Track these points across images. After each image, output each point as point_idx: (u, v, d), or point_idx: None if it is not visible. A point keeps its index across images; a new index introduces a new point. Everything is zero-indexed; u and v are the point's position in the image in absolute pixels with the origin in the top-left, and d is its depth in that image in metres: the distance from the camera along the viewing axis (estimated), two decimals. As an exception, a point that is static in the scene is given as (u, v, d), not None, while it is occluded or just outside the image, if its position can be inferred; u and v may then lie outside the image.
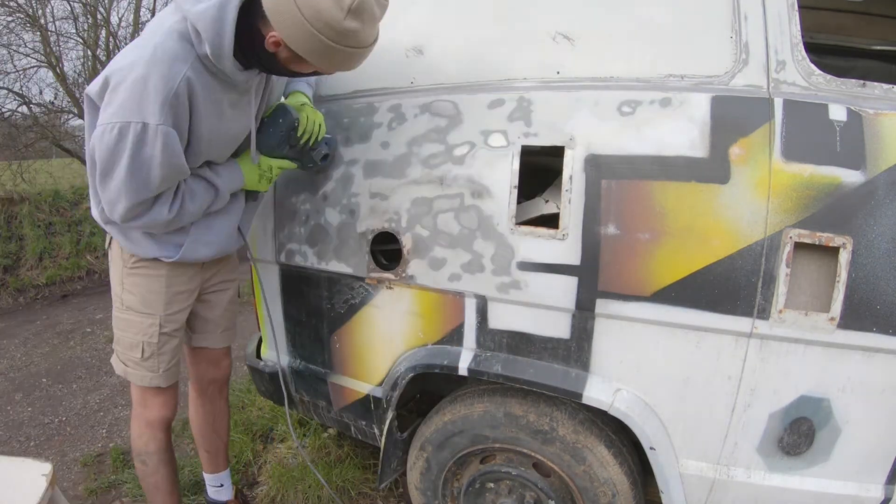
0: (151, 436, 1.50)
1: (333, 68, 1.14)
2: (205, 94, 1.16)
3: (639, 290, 1.12)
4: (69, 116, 7.48)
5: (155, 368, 1.43)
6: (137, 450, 1.53)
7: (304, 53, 1.08)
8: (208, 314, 1.55)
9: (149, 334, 1.40)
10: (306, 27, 1.03)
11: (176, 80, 1.10)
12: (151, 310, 1.38)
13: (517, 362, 1.27)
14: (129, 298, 1.39)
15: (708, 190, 1.06)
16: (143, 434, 1.51)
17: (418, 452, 1.48)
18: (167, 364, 1.44)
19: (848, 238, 1.00)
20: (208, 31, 1.08)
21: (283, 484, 1.94)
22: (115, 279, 1.41)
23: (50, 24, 6.75)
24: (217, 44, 1.10)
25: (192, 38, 1.11)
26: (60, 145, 7.22)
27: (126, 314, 1.41)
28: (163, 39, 1.10)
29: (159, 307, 1.39)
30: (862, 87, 1.05)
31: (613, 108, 1.13)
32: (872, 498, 1.13)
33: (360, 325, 1.48)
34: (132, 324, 1.40)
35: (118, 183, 1.14)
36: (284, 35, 1.06)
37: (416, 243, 1.32)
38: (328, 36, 1.04)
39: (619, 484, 1.28)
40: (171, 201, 1.22)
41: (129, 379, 1.46)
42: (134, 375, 1.44)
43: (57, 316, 3.98)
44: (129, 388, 1.52)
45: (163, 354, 1.43)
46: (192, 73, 1.12)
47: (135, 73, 1.08)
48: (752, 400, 1.13)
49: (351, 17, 1.03)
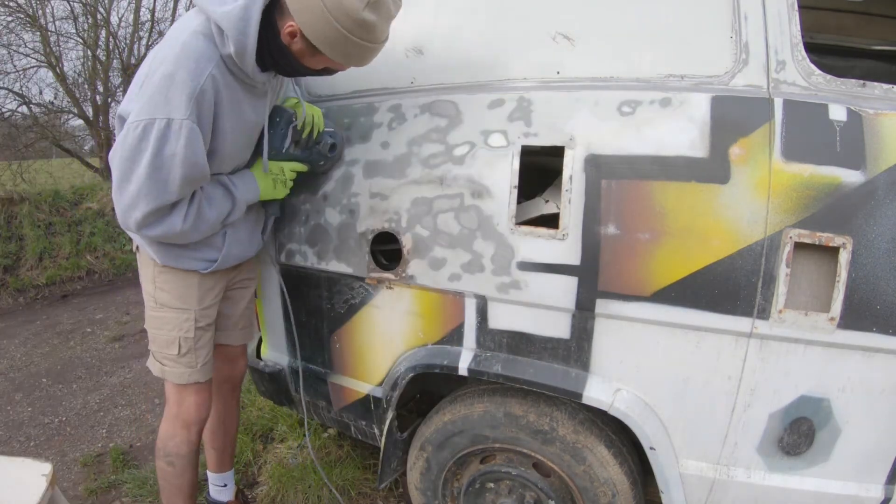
0: (186, 438, 1.48)
1: (344, 60, 1.15)
2: (228, 93, 1.17)
3: (639, 290, 1.12)
4: (69, 116, 7.48)
5: (193, 364, 1.42)
6: (167, 450, 1.50)
7: (319, 43, 1.10)
8: (230, 311, 1.55)
9: (185, 329, 1.39)
10: (325, 15, 1.06)
11: (202, 77, 1.11)
12: (186, 304, 1.38)
13: (517, 362, 1.27)
14: (162, 296, 1.38)
15: (708, 190, 1.06)
16: (176, 435, 1.48)
17: (418, 452, 1.48)
18: (204, 358, 1.44)
19: (848, 238, 1.00)
20: (233, 31, 1.10)
21: (283, 484, 1.94)
22: (146, 278, 1.40)
23: (50, 24, 6.76)
24: (241, 43, 1.12)
25: (216, 39, 1.13)
26: (60, 145, 7.22)
27: (160, 312, 1.39)
28: (189, 38, 1.12)
29: (193, 301, 1.38)
30: (862, 87, 1.05)
31: (613, 108, 1.13)
32: (872, 498, 1.13)
33: (360, 325, 1.48)
34: (167, 321, 1.39)
35: (137, 186, 1.13)
36: (302, 22, 1.09)
37: (416, 243, 1.32)
38: (345, 25, 1.07)
39: (619, 484, 1.28)
40: (187, 210, 1.22)
41: (167, 378, 1.44)
42: (172, 373, 1.43)
43: (57, 316, 3.98)
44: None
45: (200, 349, 1.42)
46: (217, 73, 1.14)
47: (162, 69, 1.10)
48: (752, 400, 1.13)
49: (369, 9, 1.06)
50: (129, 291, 4.63)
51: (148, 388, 2.86)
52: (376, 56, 1.17)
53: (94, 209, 5.40)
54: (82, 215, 5.30)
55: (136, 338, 3.59)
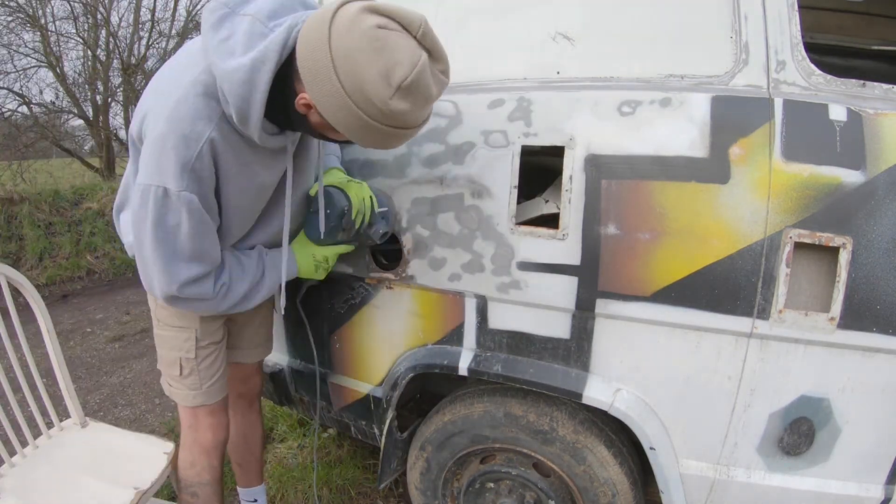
0: (207, 464, 1.37)
1: (367, 145, 0.98)
2: (234, 156, 1.02)
3: (639, 290, 1.12)
4: (69, 116, 7.49)
5: (196, 385, 1.31)
6: (188, 481, 1.38)
7: (339, 127, 0.93)
8: (241, 328, 1.45)
9: (185, 349, 1.27)
10: (344, 100, 0.88)
11: (199, 143, 0.96)
12: (186, 322, 1.26)
13: (517, 362, 1.27)
14: (162, 313, 1.27)
15: (708, 190, 1.06)
16: (196, 463, 1.37)
17: (418, 452, 1.48)
18: (210, 379, 1.32)
19: (848, 238, 1.00)
20: (234, 96, 0.93)
21: (283, 484, 1.94)
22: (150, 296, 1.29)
23: (50, 24, 6.77)
24: (243, 111, 0.95)
25: (220, 96, 0.96)
26: (60, 145, 7.23)
27: (162, 330, 1.29)
28: (185, 94, 0.96)
29: (194, 320, 1.26)
30: (862, 87, 1.05)
31: (613, 108, 1.13)
32: (872, 498, 1.13)
33: (361, 325, 1.48)
34: (167, 339, 1.29)
35: (149, 254, 1.03)
36: (318, 103, 0.91)
37: (417, 243, 1.32)
38: (368, 113, 0.88)
39: (619, 484, 1.28)
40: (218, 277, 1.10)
41: (174, 399, 1.35)
42: (178, 395, 1.33)
43: (57, 316, 3.98)
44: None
45: (204, 370, 1.30)
46: (217, 134, 0.98)
47: (156, 131, 0.96)
48: (752, 400, 1.13)
49: (399, 97, 0.87)
50: (128, 291, 4.63)
51: (148, 389, 2.86)
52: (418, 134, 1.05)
53: (94, 209, 5.40)
54: (82, 215, 5.30)
55: (136, 338, 3.59)
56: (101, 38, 7.24)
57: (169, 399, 2.76)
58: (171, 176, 0.96)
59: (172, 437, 2.22)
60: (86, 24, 7.13)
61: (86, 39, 7.06)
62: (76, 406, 1.55)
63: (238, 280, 1.15)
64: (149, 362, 3.17)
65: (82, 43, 7.12)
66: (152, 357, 3.25)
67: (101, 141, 7.56)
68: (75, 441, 1.49)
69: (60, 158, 7.83)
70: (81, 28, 7.11)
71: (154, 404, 2.71)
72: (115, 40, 7.26)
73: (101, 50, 7.23)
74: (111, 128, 7.72)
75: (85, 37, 7.09)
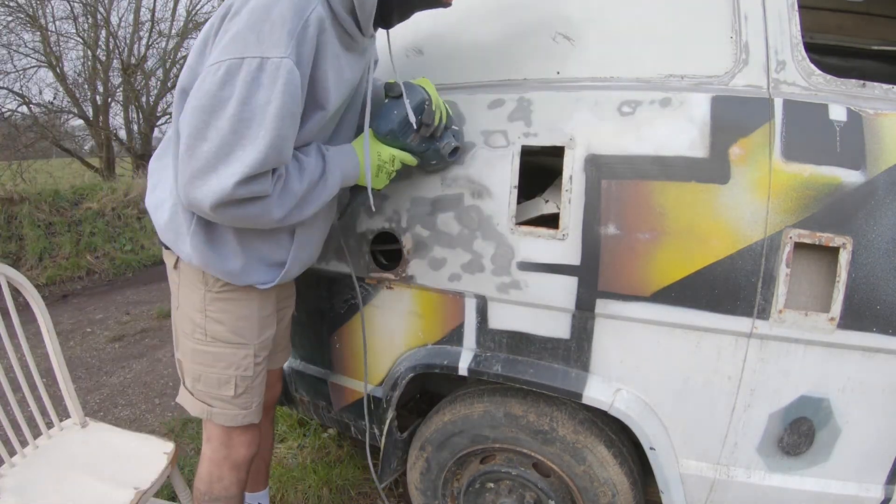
0: (236, 479, 1.30)
1: None
2: (331, 41, 0.95)
3: (639, 291, 1.12)
4: (69, 116, 7.50)
5: (248, 405, 1.23)
6: (215, 495, 1.30)
7: None
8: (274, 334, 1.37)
9: (243, 367, 1.18)
10: None
11: (307, 12, 0.89)
12: (245, 339, 1.17)
13: (517, 362, 1.27)
14: (215, 328, 1.15)
15: (708, 190, 1.06)
16: (224, 478, 1.29)
17: (418, 452, 1.48)
18: (260, 396, 1.26)
19: (848, 238, 1.00)
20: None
21: (283, 484, 1.94)
22: (191, 307, 1.16)
23: (50, 24, 6.77)
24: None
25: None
26: (60, 145, 7.23)
27: (212, 347, 1.16)
28: None
29: (253, 335, 1.17)
30: (862, 87, 1.05)
31: (613, 108, 1.13)
32: (872, 498, 1.13)
33: (361, 325, 1.48)
34: (221, 357, 1.17)
35: (214, 144, 0.88)
36: None
37: (416, 243, 1.32)
38: None
39: (619, 484, 1.28)
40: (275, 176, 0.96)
41: (217, 421, 1.23)
42: (222, 416, 1.22)
43: (57, 316, 3.97)
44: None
45: (256, 387, 1.23)
46: (324, 11, 0.93)
47: (252, 4, 0.88)
48: (752, 400, 1.13)
49: None
50: (128, 291, 4.63)
51: (148, 389, 2.86)
52: None
53: (94, 209, 5.40)
54: (82, 215, 5.30)
55: (136, 338, 3.59)
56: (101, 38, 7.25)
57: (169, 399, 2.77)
58: (272, 44, 0.86)
59: (172, 437, 2.22)
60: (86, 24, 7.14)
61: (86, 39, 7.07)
62: (76, 406, 1.55)
63: (295, 176, 1.00)
64: (149, 362, 3.17)
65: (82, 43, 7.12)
66: (152, 357, 3.25)
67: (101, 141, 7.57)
68: (75, 441, 1.49)
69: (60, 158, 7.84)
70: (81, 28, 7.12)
71: (154, 404, 2.71)
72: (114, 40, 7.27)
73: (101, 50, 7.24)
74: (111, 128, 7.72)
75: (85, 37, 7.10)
